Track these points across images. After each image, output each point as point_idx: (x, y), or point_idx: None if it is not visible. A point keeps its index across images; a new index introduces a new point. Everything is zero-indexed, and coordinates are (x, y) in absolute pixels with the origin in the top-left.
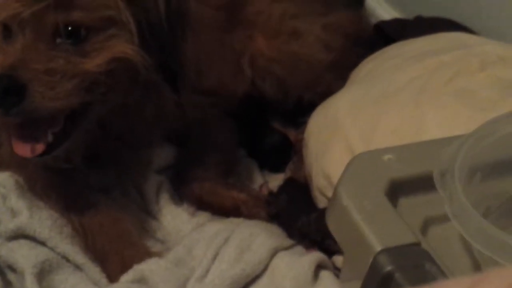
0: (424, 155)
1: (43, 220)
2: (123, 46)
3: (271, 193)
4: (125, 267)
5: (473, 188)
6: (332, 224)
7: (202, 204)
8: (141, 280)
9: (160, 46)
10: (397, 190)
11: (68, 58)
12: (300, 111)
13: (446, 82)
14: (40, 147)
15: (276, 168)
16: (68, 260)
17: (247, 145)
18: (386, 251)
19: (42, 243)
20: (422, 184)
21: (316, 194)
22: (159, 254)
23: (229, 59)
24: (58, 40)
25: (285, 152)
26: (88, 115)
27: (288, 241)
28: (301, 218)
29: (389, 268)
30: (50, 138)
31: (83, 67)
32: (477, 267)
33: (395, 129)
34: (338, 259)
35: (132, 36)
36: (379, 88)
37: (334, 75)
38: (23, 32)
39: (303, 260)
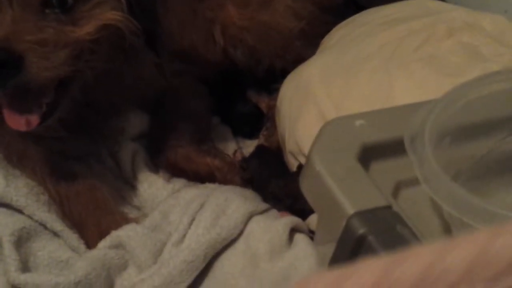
0: (395, 120)
1: (20, 188)
2: (112, 13)
3: (245, 159)
4: (102, 234)
5: (443, 152)
6: (306, 189)
7: (177, 171)
8: (118, 245)
9: (144, 11)
10: (368, 155)
11: (58, 27)
12: (272, 78)
13: (415, 49)
14: (35, 119)
15: (250, 134)
16: (45, 228)
17: (220, 112)
18: (359, 214)
19: (19, 211)
20: (393, 148)
21: (289, 159)
22: (136, 220)
23: (201, 27)
24: (47, 11)
25: (258, 119)
26: (76, 83)
27: (263, 205)
28: (273, 181)
29: (362, 231)
30: (43, 108)
31: (74, 36)
32: (447, 228)
33: (366, 96)
34: (312, 221)
35: (119, 2)
36: (350, 55)
37: (305, 43)
38: (10, 4)
39: (277, 224)
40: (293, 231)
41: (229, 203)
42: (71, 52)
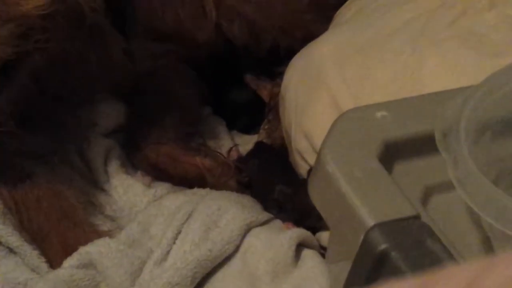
0: (424, 111)
1: None
2: None
3: (242, 158)
4: (68, 250)
5: (482, 150)
6: (315, 195)
7: (159, 173)
8: (88, 264)
9: None
10: (392, 154)
11: None
12: (276, 60)
13: (448, 23)
14: None
15: (248, 128)
16: None
17: (212, 101)
18: (380, 226)
19: None
20: (422, 145)
21: (296, 159)
22: (109, 234)
23: None
24: None
25: (258, 109)
26: (23, 67)
27: (264, 215)
28: (276, 186)
29: (384, 246)
30: None
31: (19, 9)
32: (487, 243)
33: (389, 81)
34: (323, 236)
35: None
36: (370, 31)
37: (316, 16)
38: None
39: (281, 238)
40: (301, 246)
41: (222, 213)
42: (15, 29)
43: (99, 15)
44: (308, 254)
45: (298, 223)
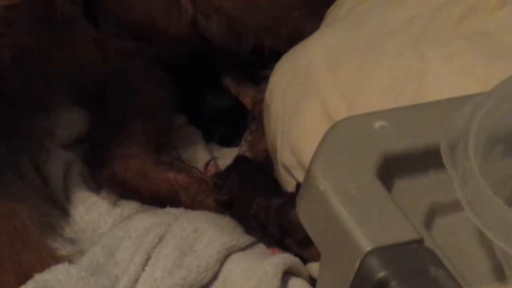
0: (428, 121)
1: None
2: None
3: (220, 174)
4: (22, 276)
5: (494, 165)
6: (305, 215)
7: (126, 190)
8: None
9: None
10: (392, 169)
11: None
12: (259, 62)
13: (455, 22)
14: None
15: (228, 139)
16: None
17: (187, 109)
18: (378, 251)
19: None
20: (426, 160)
21: (282, 174)
22: (68, 259)
23: None
24: None
25: (239, 118)
26: None
27: (245, 239)
28: (260, 205)
29: (382, 273)
30: None
31: None
32: (499, 271)
33: (388, 87)
34: (313, 267)
35: None
36: (366, 31)
37: (305, 13)
38: None
39: (265, 265)
40: (287, 274)
41: (199, 236)
42: None
43: (69, 5)
44: (296, 283)
45: (282, 242)
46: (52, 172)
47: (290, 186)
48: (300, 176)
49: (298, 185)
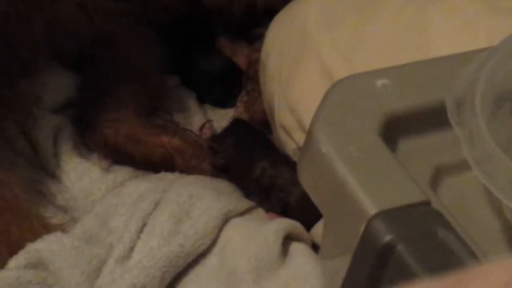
0: (432, 79)
1: None
2: None
3: (216, 136)
4: (14, 247)
5: (502, 123)
6: (306, 179)
7: (119, 155)
8: (37, 264)
9: None
10: (396, 129)
11: None
12: (254, 20)
13: None
14: None
15: (223, 101)
16: None
17: (180, 69)
18: (384, 214)
19: None
20: (431, 119)
21: (281, 136)
22: (61, 228)
23: None
24: None
25: (234, 79)
26: None
27: (244, 203)
28: (260, 165)
29: (388, 237)
30: None
31: None
32: (508, 232)
33: (389, 43)
34: (317, 232)
35: None
36: None
37: None
38: None
39: (266, 230)
40: (289, 240)
41: (195, 201)
42: None
43: None
44: (298, 249)
45: (285, 212)
46: (41, 138)
47: (288, 149)
48: (299, 138)
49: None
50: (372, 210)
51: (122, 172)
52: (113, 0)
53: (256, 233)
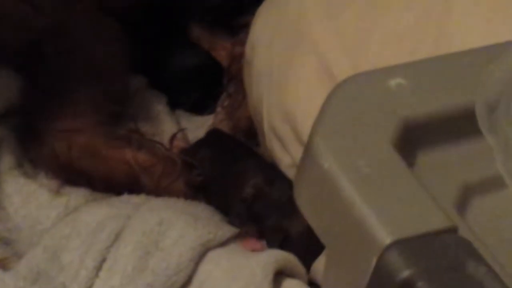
0: (457, 77)
1: None
2: None
3: (189, 149)
4: None
5: None
6: (305, 201)
7: (73, 174)
8: None
9: None
10: (414, 139)
11: None
12: (236, 6)
13: None
14: None
15: (199, 106)
16: None
17: (147, 68)
18: (401, 244)
19: None
20: (456, 126)
21: (272, 148)
22: (2, 264)
23: None
24: None
25: (213, 78)
26: None
27: (225, 231)
28: (249, 183)
29: (406, 272)
30: None
31: None
32: None
33: (402, 33)
34: (318, 266)
35: None
36: None
37: None
38: None
39: (253, 263)
40: (280, 275)
41: (166, 229)
42: None
43: None
44: (292, 287)
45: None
46: None
47: (283, 164)
48: (296, 151)
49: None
50: (386, 239)
51: (76, 195)
52: None
53: (242, 267)
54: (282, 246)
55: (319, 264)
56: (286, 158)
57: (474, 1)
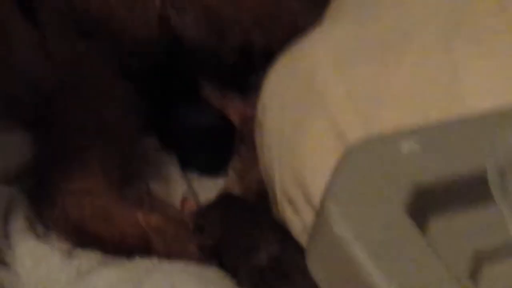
0: (471, 141)
1: None
2: None
3: (201, 212)
4: None
5: None
6: (317, 269)
7: (84, 237)
8: None
9: None
10: (426, 204)
11: None
12: (248, 66)
13: (499, 9)
14: None
15: (210, 168)
16: None
17: (158, 129)
18: None
19: None
20: (469, 191)
21: (284, 213)
22: None
23: None
24: None
25: (224, 140)
26: None
27: None
28: (263, 250)
29: None
30: None
31: None
32: None
33: (414, 94)
34: None
35: None
36: (383, 23)
37: (304, 3)
38: None
39: None
40: None
41: None
42: None
43: None
44: None
45: None
46: None
47: (295, 229)
48: (307, 216)
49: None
50: None
51: (87, 258)
52: (77, 40)
53: None
54: None
55: None
56: (297, 222)
57: (484, 62)
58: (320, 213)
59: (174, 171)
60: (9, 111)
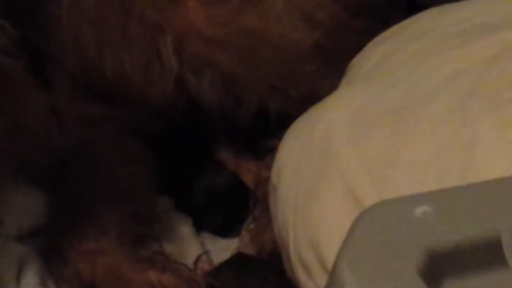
0: (484, 207)
1: None
2: None
3: (213, 271)
4: None
5: None
6: None
7: None
8: None
9: (20, 11)
10: (440, 268)
11: None
12: (264, 130)
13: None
14: None
15: (224, 229)
16: None
17: (173, 190)
18: None
19: None
20: (482, 256)
21: (298, 274)
22: None
23: (137, 39)
24: None
25: (238, 201)
26: None
27: None
28: None
29: None
30: None
31: None
32: None
33: (429, 161)
34: None
35: None
36: (399, 90)
37: (320, 67)
38: None
39: None
40: None
41: None
42: None
43: (5, 58)
44: None
45: None
46: (1, 272)
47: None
48: (321, 279)
49: None
50: None
51: None
52: (92, 104)
53: None
54: None
55: None
56: (310, 285)
57: (502, 133)
58: (333, 274)
59: (188, 231)
60: (24, 174)
